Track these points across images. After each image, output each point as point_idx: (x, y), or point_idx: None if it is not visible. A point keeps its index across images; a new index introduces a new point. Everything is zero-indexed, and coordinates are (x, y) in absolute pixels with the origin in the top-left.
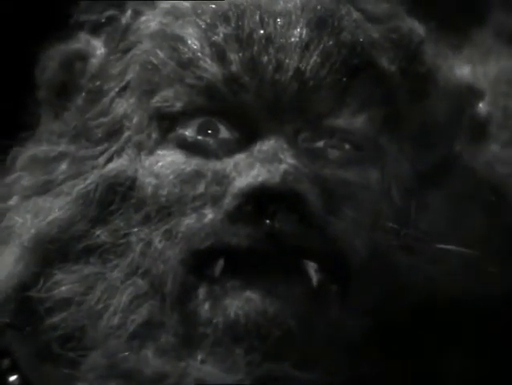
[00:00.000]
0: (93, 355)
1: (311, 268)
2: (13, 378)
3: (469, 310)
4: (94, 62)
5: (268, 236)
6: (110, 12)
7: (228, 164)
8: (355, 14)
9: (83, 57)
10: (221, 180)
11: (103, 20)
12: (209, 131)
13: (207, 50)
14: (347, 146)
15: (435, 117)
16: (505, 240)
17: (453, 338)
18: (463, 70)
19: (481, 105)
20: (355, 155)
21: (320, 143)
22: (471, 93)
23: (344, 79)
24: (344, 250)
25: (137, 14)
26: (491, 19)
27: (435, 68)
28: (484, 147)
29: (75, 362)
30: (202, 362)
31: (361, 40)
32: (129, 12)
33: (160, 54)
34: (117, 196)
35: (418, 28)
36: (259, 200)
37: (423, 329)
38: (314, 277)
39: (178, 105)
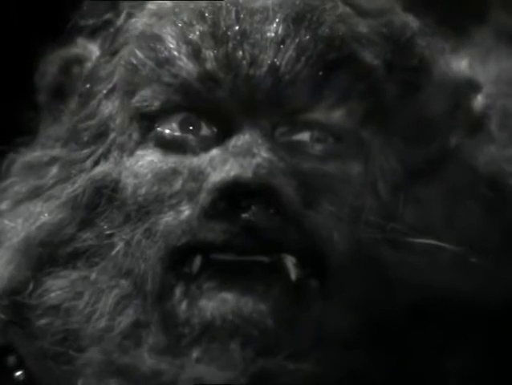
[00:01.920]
0: (89, 351)
1: (289, 262)
2: (18, 373)
3: (461, 307)
4: (89, 65)
5: (243, 230)
6: (107, 16)
7: (204, 159)
8: (343, 9)
9: (80, 61)
10: (197, 176)
11: (99, 24)
12: (191, 128)
13: (183, 48)
14: (328, 138)
15: (428, 111)
16: (503, 238)
17: (445, 335)
18: (460, 64)
19: (479, 97)
20: (334, 148)
21: (299, 137)
22: (468, 86)
23: (321, 73)
24: (322, 244)
25: (129, 16)
26: (491, 19)
27: (429, 62)
28: (482, 144)
29: (74, 358)
30: (197, 359)
31: (341, 34)
32: (123, 15)
33: (140, 54)
34: (103, 198)
35: (412, 22)
36: (233, 194)
37: (414, 325)
38: (293, 271)
39: (156, 104)
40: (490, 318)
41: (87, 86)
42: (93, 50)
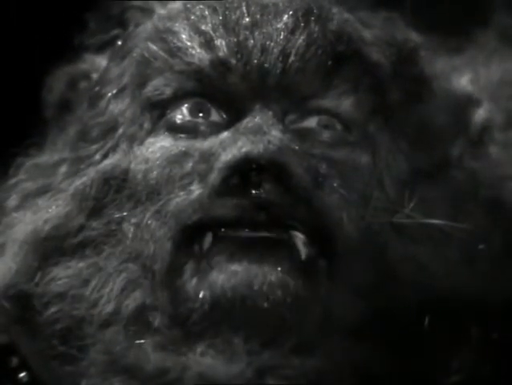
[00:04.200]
0: (92, 351)
1: (299, 240)
2: (21, 374)
3: (465, 302)
4: (96, 75)
5: (254, 206)
6: (115, 31)
7: (214, 142)
8: (347, 15)
9: (87, 77)
10: (208, 158)
11: (107, 39)
12: (201, 114)
13: (195, 38)
14: (337, 126)
15: (431, 121)
16: (505, 241)
17: (449, 331)
18: (461, 80)
19: (481, 111)
20: (343, 136)
21: (308, 123)
22: (469, 102)
23: (330, 62)
24: (331, 223)
25: (137, 26)
26: (494, 21)
27: (431, 75)
28: (484, 150)
29: (78, 359)
30: (202, 354)
31: (348, 31)
32: (131, 28)
33: (152, 46)
34: (112, 189)
35: (415, 37)
36: (244, 170)
37: (417, 319)
38: (303, 250)
39: (168, 92)
40: (493, 316)
41: (97, 88)
42: (101, 64)
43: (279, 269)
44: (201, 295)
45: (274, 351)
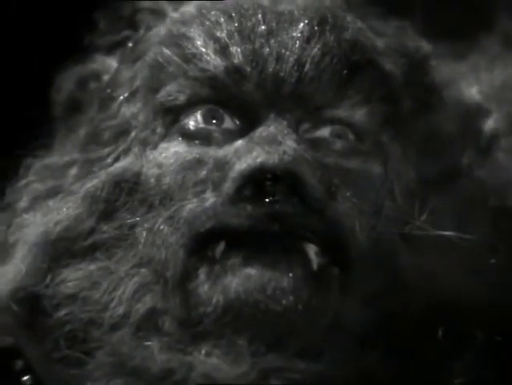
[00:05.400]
0: (99, 354)
1: (312, 250)
2: (25, 377)
3: (471, 306)
4: (107, 77)
5: (268, 215)
6: (125, 33)
7: (229, 150)
8: (360, 24)
9: (97, 77)
10: (223, 166)
11: (117, 40)
12: (214, 121)
13: (210, 44)
14: (350, 136)
15: (441, 130)
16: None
17: (453, 330)
18: (470, 88)
19: (490, 122)
20: (356, 146)
21: (322, 133)
22: (478, 111)
23: (345, 72)
24: (344, 233)
25: (148, 29)
26: (497, 26)
27: (441, 85)
28: (492, 158)
29: (84, 362)
30: (207, 355)
31: (363, 40)
32: (142, 30)
33: (166, 51)
34: (123, 192)
35: (425, 46)
36: (258, 180)
37: (425, 328)
38: (315, 259)
39: (182, 98)
40: (496, 319)
41: (108, 91)
42: (111, 64)
43: (291, 275)
44: (214, 300)
45: (279, 354)
